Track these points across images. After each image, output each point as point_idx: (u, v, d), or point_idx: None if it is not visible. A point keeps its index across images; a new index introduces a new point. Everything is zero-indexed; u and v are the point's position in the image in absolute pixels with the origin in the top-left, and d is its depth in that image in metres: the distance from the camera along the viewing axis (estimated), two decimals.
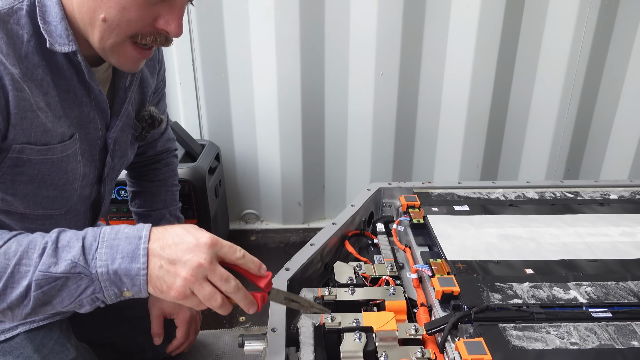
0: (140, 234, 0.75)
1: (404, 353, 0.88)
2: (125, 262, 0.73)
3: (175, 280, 0.73)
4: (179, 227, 0.77)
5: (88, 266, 0.73)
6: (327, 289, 1.01)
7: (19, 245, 0.73)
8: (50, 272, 0.72)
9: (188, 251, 0.73)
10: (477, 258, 1.09)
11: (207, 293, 0.74)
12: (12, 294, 0.72)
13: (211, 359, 1.51)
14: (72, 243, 0.74)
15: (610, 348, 0.83)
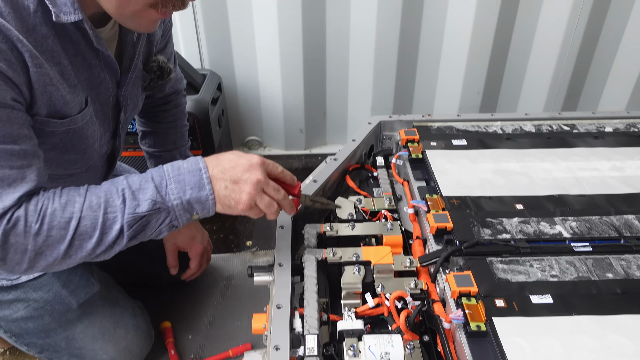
0: (198, 165, 0.87)
1: (399, 284, 0.97)
2: (194, 192, 0.85)
3: (241, 196, 0.86)
4: (227, 153, 0.90)
5: (165, 201, 0.85)
6: (329, 225, 1.08)
7: (98, 197, 0.83)
8: (137, 213, 0.83)
9: (246, 171, 0.87)
10: (471, 194, 1.15)
11: (266, 202, 0.90)
12: (109, 237, 0.84)
13: (222, 281, 1.63)
14: (144, 185, 0.85)
15: (587, 280, 0.92)
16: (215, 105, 1.90)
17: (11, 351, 1.59)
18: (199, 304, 1.55)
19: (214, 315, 1.52)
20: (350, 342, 0.84)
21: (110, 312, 1.25)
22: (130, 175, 0.87)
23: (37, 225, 0.80)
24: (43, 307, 1.14)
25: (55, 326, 1.17)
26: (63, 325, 1.18)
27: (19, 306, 1.12)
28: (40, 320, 1.15)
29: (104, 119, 1.03)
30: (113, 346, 1.25)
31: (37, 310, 1.14)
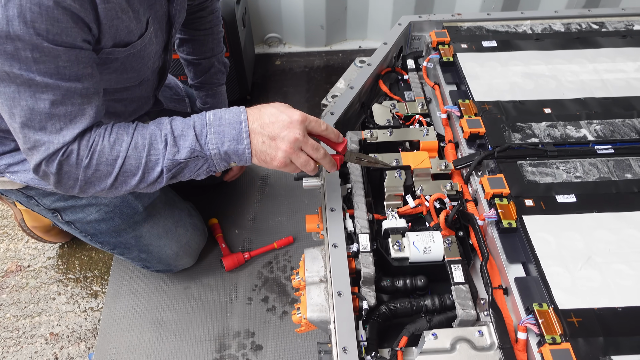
0: (240, 118, 0.89)
1: (435, 186, 1.07)
2: (232, 144, 0.89)
3: (277, 152, 0.88)
4: (270, 106, 0.90)
5: (203, 150, 0.89)
6: (369, 132, 1.16)
7: (144, 138, 0.89)
8: (176, 159, 0.89)
9: (284, 128, 0.87)
10: (502, 98, 1.21)
11: (302, 161, 0.90)
12: (150, 177, 0.91)
13: (258, 180, 1.76)
14: (186, 132, 0.89)
15: (607, 180, 1.02)
16: (239, 4, 1.88)
17: (68, 244, 1.77)
18: (241, 203, 1.69)
19: (255, 212, 1.67)
20: (396, 239, 0.97)
21: (170, 214, 1.39)
22: (175, 119, 0.92)
23: (87, 160, 0.87)
24: (113, 211, 1.28)
25: (125, 227, 1.32)
26: (132, 226, 1.33)
27: (92, 210, 1.25)
28: (111, 222, 1.29)
29: (159, 36, 1.07)
30: (175, 242, 1.42)
31: (108, 214, 1.28)
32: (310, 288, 0.91)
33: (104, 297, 1.60)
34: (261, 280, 1.54)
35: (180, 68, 1.83)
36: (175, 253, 1.43)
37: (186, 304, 1.49)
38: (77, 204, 1.24)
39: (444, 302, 0.92)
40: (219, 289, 1.52)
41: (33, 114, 0.83)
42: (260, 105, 0.92)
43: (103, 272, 1.70)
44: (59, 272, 1.72)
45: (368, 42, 2.39)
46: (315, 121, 0.91)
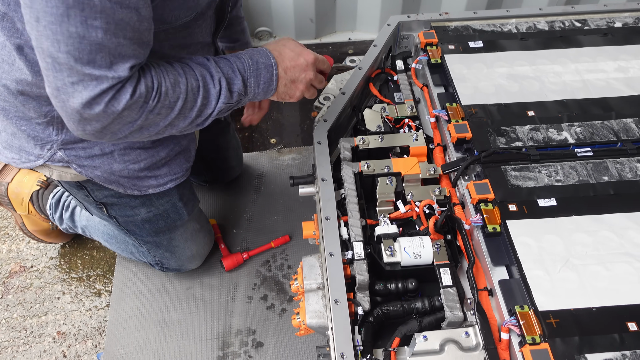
0: (270, 61, 1.01)
1: (425, 191, 1.14)
2: (265, 86, 1.02)
3: (295, 92, 1.08)
4: (287, 47, 1.05)
5: (246, 94, 1.00)
6: (361, 138, 1.22)
7: (196, 80, 0.93)
8: (228, 103, 0.98)
9: (302, 71, 1.05)
10: (488, 101, 1.27)
11: (311, 93, 1.12)
12: (200, 119, 0.97)
13: (254, 179, 1.82)
14: (234, 76, 0.97)
15: (586, 183, 1.09)
16: None
17: (69, 244, 1.83)
18: (237, 202, 1.75)
19: (252, 211, 1.73)
20: (388, 244, 1.04)
21: (198, 218, 1.48)
22: (218, 60, 0.97)
23: (154, 103, 0.87)
24: (161, 214, 1.34)
25: (165, 229, 1.39)
26: (171, 229, 1.40)
27: (142, 210, 1.31)
28: (156, 224, 1.36)
29: None
30: (196, 245, 1.52)
31: (156, 216, 1.34)
32: (308, 295, 0.98)
33: (108, 297, 1.67)
34: (260, 278, 1.61)
35: None
36: (193, 255, 1.52)
37: (189, 304, 1.57)
38: (130, 203, 1.28)
39: (434, 304, 0.99)
40: (219, 288, 1.59)
41: (83, 42, 0.75)
42: (276, 43, 1.05)
43: (105, 271, 1.77)
44: (62, 272, 1.79)
45: (357, 33, 2.43)
46: (322, 61, 1.10)
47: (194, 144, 1.32)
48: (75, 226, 1.62)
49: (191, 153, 1.31)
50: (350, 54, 2.35)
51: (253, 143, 1.99)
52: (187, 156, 1.30)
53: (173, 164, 1.26)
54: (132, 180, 1.21)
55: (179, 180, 1.28)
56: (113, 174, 1.17)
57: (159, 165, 1.23)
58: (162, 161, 1.23)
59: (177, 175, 1.27)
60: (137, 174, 1.20)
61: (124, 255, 1.61)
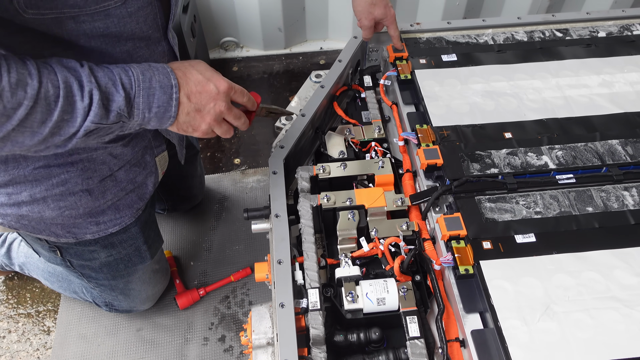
0: (170, 81, 0.83)
1: (391, 226, 1.05)
2: (160, 111, 0.83)
3: (200, 124, 0.89)
4: (195, 70, 0.86)
5: (129, 114, 0.81)
6: (321, 167, 1.13)
7: (55, 87, 0.73)
8: (101, 124, 0.78)
9: (211, 99, 0.87)
10: (461, 122, 1.19)
11: (224, 130, 0.93)
12: (56, 139, 0.77)
13: (215, 204, 1.72)
14: (113, 90, 0.78)
15: (568, 215, 1.01)
16: (187, 13, 1.82)
17: (18, 276, 1.72)
18: (196, 231, 1.65)
19: (211, 240, 1.63)
20: (349, 289, 0.95)
21: (158, 259, 1.38)
22: (94, 67, 0.78)
23: None
24: (122, 258, 1.23)
25: (124, 273, 1.28)
26: (131, 273, 1.30)
27: (102, 254, 1.19)
28: (115, 268, 1.25)
29: None
30: (152, 287, 1.42)
31: (117, 260, 1.23)
32: (257, 352, 0.89)
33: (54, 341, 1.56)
34: (218, 317, 1.51)
35: None
36: (148, 297, 1.43)
37: (139, 347, 1.46)
38: (89, 247, 1.16)
39: (399, 357, 0.91)
40: (173, 329, 1.49)
41: None
42: (182, 63, 0.88)
43: (56, 305, 1.66)
44: (9, 308, 1.67)
45: (330, 42, 2.35)
46: (240, 92, 0.93)
47: (153, 178, 1.18)
48: (12, 263, 1.51)
49: (147, 189, 1.18)
50: (322, 64, 2.27)
51: (215, 164, 1.89)
52: (142, 193, 1.17)
53: (121, 205, 1.14)
54: (67, 227, 1.09)
55: (126, 222, 1.16)
56: (43, 222, 1.06)
57: (103, 208, 1.10)
58: (108, 203, 1.10)
59: (124, 218, 1.15)
60: (73, 220, 1.08)
61: (67, 294, 1.50)
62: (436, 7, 2.15)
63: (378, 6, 1.31)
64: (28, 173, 0.97)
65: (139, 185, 1.14)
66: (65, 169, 0.99)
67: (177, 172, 1.43)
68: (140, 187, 1.15)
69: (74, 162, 0.99)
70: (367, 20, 1.33)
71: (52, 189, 1.00)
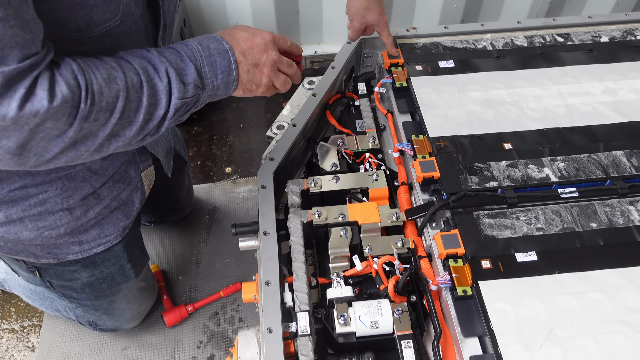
0: (224, 46, 0.84)
1: (386, 243, 1.01)
2: (224, 76, 0.85)
3: (262, 79, 0.89)
4: (239, 30, 0.89)
5: (203, 87, 0.83)
6: (312, 180, 1.09)
7: (136, 74, 0.75)
8: (184, 99, 0.80)
9: (262, 51, 0.88)
10: (458, 132, 1.15)
11: (282, 81, 0.93)
12: (151, 123, 0.79)
13: (205, 215, 1.68)
14: (184, 65, 0.80)
15: (571, 232, 0.97)
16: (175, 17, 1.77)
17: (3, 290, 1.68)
18: (185, 243, 1.61)
19: (201, 253, 1.59)
20: (341, 311, 0.91)
21: (144, 277, 1.33)
22: (161, 50, 0.80)
23: (86, 106, 0.69)
24: (105, 277, 1.18)
25: (107, 292, 1.23)
26: (114, 292, 1.25)
27: (83, 274, 1.14)
28: (98, 287, 1.20)
29: None
30: (138, 305, 1.37)
31: (99, 280, 1.18)
32: None
33: None
34: (207, 335, 1.46)
35: None
36: (134, 316, 1.39)
37: None
38: (69, 267, 1.12)
39: None
40: (160, 348, 1.44)
41: None
42: (226, 30, 0.90)
43: (41, 320, 1.61)
44: None
45: (324, 46, 2.31)
46: (282, 38, 0.94)
47: (139, 195, 1.14)
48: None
49: (134, 206, 1.14)
50: (317, 69, 2.23)
51: (205, 173, 1.85)
52: (128, 211, 1.13)
53: (106, 224, 1.09)
54: (48, 248, 1.05)
55: (112, 242, 1.12)
56: (21, 243, 1.02)
57: (86, 227, 1.06)
58: (91, 222, 1.06)
59: (109, 237, 1.11)
60: (54, 241, 1.03)
61: (49, 312, 1.46)
62: (433, 9, 2.11)
63: (373, 11, 1.28)
64: (3, 195, 0.93)
65: (124, 202, 1.10)
66: (44, 189, 0.95)
67: (164, 184, 1.39)
68: (125, 204, 1.11)
69: (52, 181, 0.95)
70: (359, 23, 1.31)
71: (29, 209, 0.96)
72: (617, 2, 2.21)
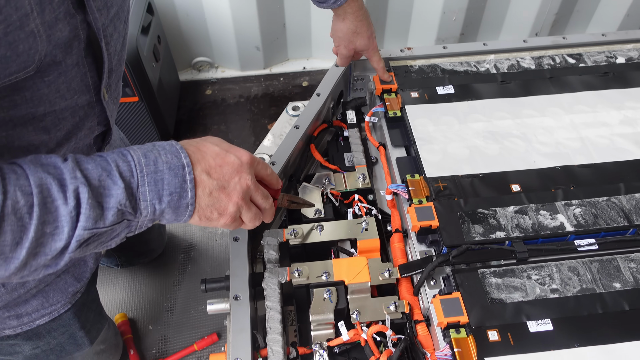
0: (181, 161, 0.68)
1: (377, 307, 0.90)
2: (173, 199, 0.68)
3: (227, 205, 0.73)
4: (209, 143, 0.74)
5: (135, 210, 0.66)
6: (293, 230, 0.98)
7: (27, 194, 0.59)
8: (97, 229, 0.63)
9: (234, 173, 0.73)
10: (459, 171, 1.05)
11: (252, 215, 0.77)
12: (40, 260, 0.62)
13: (180, 254, 1.56)
14: (108, 182, 0.63)
15: (591, 294, 0.86)
16: (147, 34, 1.67)
17: None
18: (157, 286, 1.49)
19: (174, 299, 1.47)
20: None
21: (103, 339, 1.21)
22: (80, 159, 0.64)
23: None
24: (52, 349, 1.05)
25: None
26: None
27: (25, 348, 1.01)
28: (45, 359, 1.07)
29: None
30: None
31: (45, 352, 1.04)
32: None
33: None
34: None
35: None
36: None
37: None
38: (7, 340, 0.98)
39: None
40: None
41: None
42: (194, 140, 0.74)
43: None
44: None
45: (314, 61, 2.21)
46: (262, 163, 0.80)
47: (94, 253, 1.01)
48: None
49: (87, 267, 1.01)
50: (305, 86, 2.12)
51: None
52: (79, 273, 1.00)
53: (51, 291, 0.96)
54: None
55: (59, 311, 0.99)
56: None
57: (25, 298, 0.93)
58: (32, 292, 0.93)
59: (55, 307, 0.98)
60: None
61: None
62: (431, 23, 2.01)
63: (361, 36, 1.18)
64: None
65: (74, 264, 0.97)
66: None
67: None
68: (76, 266, 0.98)
69: None
70: (347, 49, 1.20)
71: None
72: (627, 13, 2.12)
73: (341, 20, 1.19)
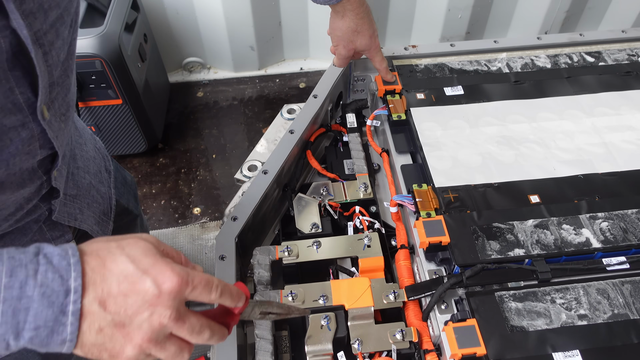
0: (67, 284, 0.52)
1: (381, 334, 0.81)
2: (40, 335, 0.52)
3: (124, 348, 0.55)
4: (125, 258, 0.55)
5: None
6: (287, 248, 0.89)
7: None
8: None
9: (145, 306, 0.54)
10: (471, 181, 0.96)
11: (171, 354, 0.58)
12: None
13: None
14: None
15: (624, 320, 0.78)
16: (132, 32, 1.58)
17: None
18: None
19: None
20: None
21: None
22: None
23: None
24: None
25: None
26: None
27: None
28: None
29: None
30: None
31: None
32: None
33: None
34: None
35: None
36: None
37: None
38: None
39: None
40: None
41: None
42: (107, 243, 0.57)
43: None
44: None
45: (311, 61, 2.13)
46: (205, 284, 0.58)
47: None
48: None
49: None
50: (303, 87, 2.04)
51: (169, 215, 1.64)
52: None
53: None
54: None
55: None
56: None
57: None
58: None
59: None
60: None
61: None
62: (434, 22, 1.93)
63: (362, 35, 1.09)
64: None
65: None
66: None
67: None
68: None
69: None
70: (346, 49, 1.12)
71: None
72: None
73: (340, 17, 1.11)
